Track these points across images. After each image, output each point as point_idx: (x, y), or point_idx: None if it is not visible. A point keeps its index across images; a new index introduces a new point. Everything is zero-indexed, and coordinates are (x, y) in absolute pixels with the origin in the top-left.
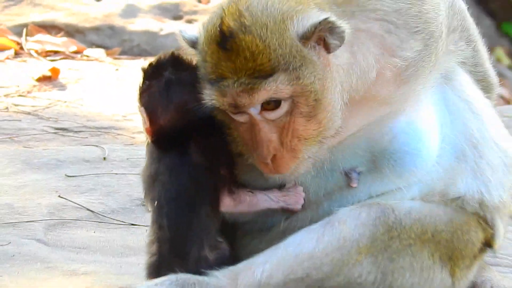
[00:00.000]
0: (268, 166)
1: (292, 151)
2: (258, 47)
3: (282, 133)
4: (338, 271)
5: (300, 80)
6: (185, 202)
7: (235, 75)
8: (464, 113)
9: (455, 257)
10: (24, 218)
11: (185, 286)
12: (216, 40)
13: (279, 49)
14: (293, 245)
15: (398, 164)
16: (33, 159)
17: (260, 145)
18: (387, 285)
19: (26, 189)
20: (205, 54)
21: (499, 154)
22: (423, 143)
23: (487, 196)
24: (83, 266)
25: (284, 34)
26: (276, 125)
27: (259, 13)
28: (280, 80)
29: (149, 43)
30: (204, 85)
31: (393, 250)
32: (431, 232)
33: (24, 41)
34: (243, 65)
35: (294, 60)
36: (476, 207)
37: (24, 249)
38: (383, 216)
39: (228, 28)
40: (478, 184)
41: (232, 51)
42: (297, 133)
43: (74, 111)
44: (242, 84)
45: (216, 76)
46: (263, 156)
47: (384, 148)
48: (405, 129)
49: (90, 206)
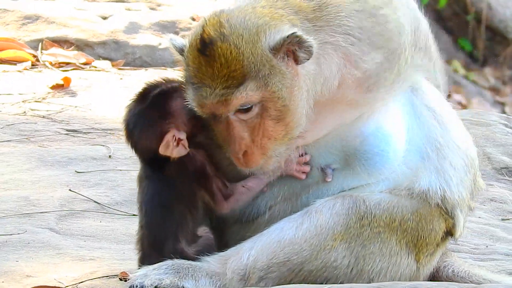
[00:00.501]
0: (239, 160)
1: (262, 149)
2: (232, 54)
3: (253, 132)
4: (316, 255)
5: (268, 87)
6: (159, 204)
7: (212, 82)
8: (428, 119)
9: (420, 244)
10: (38, 209)
11: (180, 270)
12: (197, 47)
13: (251, 57)
14: (275, 232)
15: (368, 163)
16: (47, 157)
17: (233, 141)
18: (359, 269)
19: (40, 183)
20: (188, 59)
21: (461, 155)
22: (391, 146)
23: (449, 192)
24: (90, 252)
25: (257, 44)
26: (248, 125)
27: (237, 25)
28: (250, 87)
29: (149, 55)
30: (188, 88)
31: (365, 237)
32: (399, 220)
33: (40, 54)
34: (219, 71)
35: (263, 68)
36: (439, 202)
37: (38, 237)
38: (355, 206)
39: (209, 36)
40: (441, 182)
41: (210, 57)
42: (267, 133)
43: (84, 115)
44: (217, 95)
45: (196, 81)
46: (235, 151)
47: (356, 149)
48: (375, 133)
49: (97, 198)
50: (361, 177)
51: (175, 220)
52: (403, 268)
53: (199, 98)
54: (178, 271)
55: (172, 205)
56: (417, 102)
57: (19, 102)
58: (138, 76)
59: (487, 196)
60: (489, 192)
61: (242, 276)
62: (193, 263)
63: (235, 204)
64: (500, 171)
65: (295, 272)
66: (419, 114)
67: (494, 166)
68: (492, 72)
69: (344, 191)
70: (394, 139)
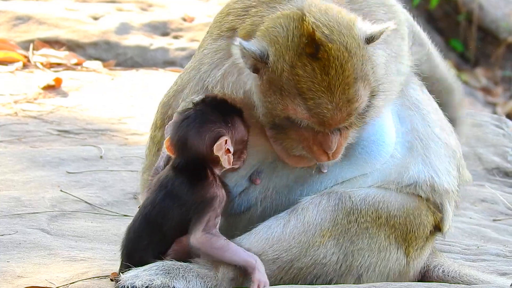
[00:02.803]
0: (328, 155)
1: (345, 139)
2: (344, 56)
3: (343, 127)
4: (305, 252)
5: (371, 82)
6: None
7: (332, 96)
8: (411, 112)
9: (409, 238)
10: (29, 210)
11: (171, 271)
12: (306, 51)
13: (357, 54)
14: (263, 230)
15: (364, 151)
16: (38, 157)
17: (329, 141)
18: (348, 264)
19: (31, 184)
20: (291, 67)
21: (443, 146)
22: (385, 135)
23: (437, 180)
24: (81, 253)
25: (356, 39)
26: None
27: (330, 22)
28: (361, 90)
29: (140, 56)
30: (293, 101)
31: (352, 233)
32: (385, 216)
33: (31, 54)
34: (335, 80)
35: (366, 65)
36: (428, 191)
37: (29, 238)
38: (341, 202)
39: (317, 37)
40: (429, 170)
41: (323, 61)
42: (352, 123)
43: (75, 116)
44: (343, 112)
45: (312, 95)
46: (330, 149)
47: None
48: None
49: (88, 199)
50: (357, 167)
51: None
52: (392, 263)
53: (321, 118)
54: (168, 272)
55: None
56: (402, 96)
57: (11, 103)
58: (129, 76)
59: (478, 196)
60: (480, 192)
61: (232, 276)
62: (183, 264)
63: (206, 245)
64: (491, 171)
65: (285, 270)
66: (404, 107)
67: (485, 166)
68: (483, 72)
69: (338, 183)
70: (387, 129)
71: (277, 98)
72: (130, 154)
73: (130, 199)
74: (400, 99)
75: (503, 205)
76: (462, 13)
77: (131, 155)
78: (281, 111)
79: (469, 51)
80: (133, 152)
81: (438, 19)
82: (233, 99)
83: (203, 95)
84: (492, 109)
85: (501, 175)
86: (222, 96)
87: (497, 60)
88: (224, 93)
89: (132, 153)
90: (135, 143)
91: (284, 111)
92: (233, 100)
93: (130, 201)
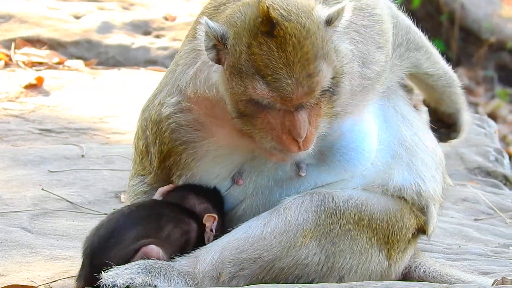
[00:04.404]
0: (298, 144)
1: (316, 128)
2: (302, 33)
3: (311, 114)
4: (287, 252)
5: (335, 63)
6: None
7: (290, 71)
8: (397, 122)
9: (391, 241)
10: (11, 208)
11: (152, 269)
12: (262, 29)
13: (315, 34)
14: (243, 229)
15: (343, 159)
16: (20, 156)
17: (298, 126)
18: (330, 266)
19: (13, 182)
20: (248, 47)
21: (430, 154)
22: (366, 142)
23: (423, 187)
24: (63, 252)
25: (315, 20)
26: (308, 107)
27: (288, 4)
28: (324, 68)
29: (122, 55)
30: (252, 81)
31: (334, 234)
32: (367, 219)
33: (13, 53)
34: (293, 56)
35: (326, 45)
36: (414, 197)
37: (10, 236)
38: (324, 203)
39: (272, 16)
40: (414, 177)
41: (280, 39)
42: (320, 112)
43: (57, 114)
44: (303, 87)
45: (270, 72)
46: (300, 136)
47: (332, 144)
48: (351, 129)
49: (70, 198)
50: (336, 173)
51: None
52: (374, 265)
53: (282, 93)
54: (150, 271)
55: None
56: (387, 105)
57: None
58: (111, 75)
59: (460, 196)
60: (462, 192)
61: (213, 274)
62: (165, 263)
63: None
64: (473, 171)
65: (266, 269)
66: (388, 116)
67: (467, 166)
68: (465, 72)
69: (318, 187)
70: (368, 137)
71: (238, 82)
72: (112, 153)
73: (112, 198)
74: (385, 105)
75: (485, 204)
76: (444, 13)
77: (113, 154)
78: (243, 94)
79: (451, 51)
80: (114, 151)
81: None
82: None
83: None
84: (474, 109)
85: (483, 175)
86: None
87: (479, 60)
88: (197, 91)
89: (113, 152)
90: (116, 142)
91: (246, 93)
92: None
93: (112, 199)
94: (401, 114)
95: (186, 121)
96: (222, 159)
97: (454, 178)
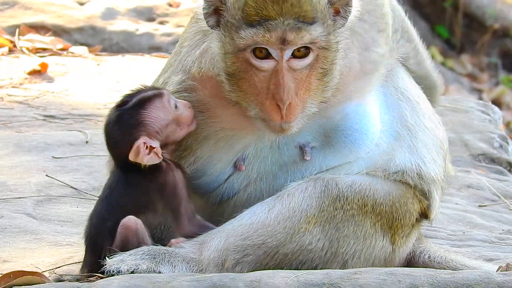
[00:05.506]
0: (281, 112)
1: (302, 103)
2: None
3: (298, 84)
4: (291, 238)
5: (330, 36)
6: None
7: (282, 16)
8: (399, 102)
9: (395, 226)
10: (15, 194)
11: (156, 256)
12: None
13: (318, 4)
14: (247, 216)
15: (348, 140)
16: (24, 142)
17: (281, 90)
18: (333, 251)
19: (17, 169)
20: (246, 2)
21: (431, 137)
22: (369, 123)
23: (424, 168)
24: (67, 238)
25: None
26: (296, 76)
27: None
28: (318, 30)
29: (126, 41)
30: (239, 29)
31: (338, 219)
32: (371, 204)
33: (17, 39)
34: (289, 10)
35: (327, 19)
36: (415, 179)
37: (15, 222)
38: (327, 189)
39: None
40: (415, 159)
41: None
42: (309, 88)
43: (61, 101)
44: (290, 24)
45: (260, 18)
46: (282, 101)
47: (337, 125)
48: (355, 110)
49: (74, 184)
50: (341, 155)
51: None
52: (377, 250)
53: (267, 26)
54: (154, 257)
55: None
56: (389, 86)
57: None
58: (115, 62)
59: (464, 182)
60: (466, 178)
61: (218, 261)
62: (169, 249)
63: (195, 233)
64: (477, 157)
65: (270, 255)
66: (389, 95)
67: (471, 152)
68: (469, 59)
69: (323, 171)
70: (371, 118)
71: (228, 35)
72: None
73: None
74: (386, 87)
75: (489, 191)
76: None
77: None
78: (231, 45)
79: (455, 38)
80: None
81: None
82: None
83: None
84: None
85: (487, 161)
86: (138, 86)
87: (483, 46)
88: (202, 70)
89: None
90: None
91: (234, 43)
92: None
93: None
94: (401, 93)
95: (190, 101)
96: (224, 143)
97: (459, 164)
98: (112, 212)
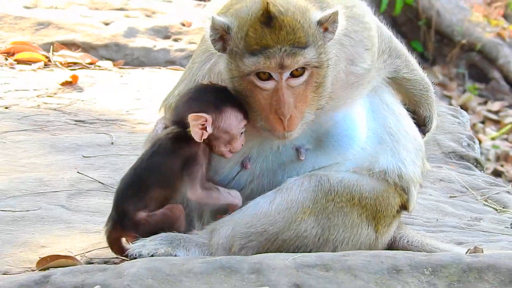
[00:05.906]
0: (283, 124)
1: (301, 114)
2: (296, 25)
3: (296, 98)
4: (289, 226)
5: (322, 55)
6: (136, 172)
7: (279, 44)
8: (384, 112)
9: (378, 217)
10: (50, 189)
11: (173, 241)
12: (260, 20)
13: (309, 29)
14: (252, 207)
15: (337, 144)
16: (58, 144)
17: (282, 105)
18: (325, 238)
19: (52, 166)
20: (246, 31)
21: (411, 141)
22: (356, 130)
23: (404, 170)
24: (95, 226)
25: (309, 19)
26: (294, 92)
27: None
28: (311, 52)
29: (145, 56)
30: (242, 57)
31: (329, 211)
32: (358, 197)
33: (51, 55)
34: (285, 37)
35: (317, 40)
36: (396, 179)
37: (50, 213)
38: (320, 184)
39: (272, 11)
40: (396, 161)
41: (275, 28)
42: (306, 99)
43: (89, 108)
44: (287, 50)
45: (260, 47)
46: (284, 115)
47: (328, 131)
48: (344, 118)
49: (102, 179)
50: (331, 156)
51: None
52: (363, 238)
53: (266, 54)
54: (171, 242)
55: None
56: (375, 98)
57: (34, 97)
58: (136, 74)
59: (437, 177)
60: (439, 173)
61: (226, 246)
62: (184, 235)
63: (205, 198)
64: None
65: (271, 241)
66: (376, 107)
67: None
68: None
69: (315, 169)
70: (358, 125)
71: (233, 62)
72: (137, 140)
73: None
74: (373, 99)
75: (459, 184)
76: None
77: (138, 142)
78: (236, 71)
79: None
80: (140, 139)
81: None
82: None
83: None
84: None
85: (457, 158)
86: (226, 86)
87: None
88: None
89: (139, 139)
90: (141, 131)
91: (239, 69)
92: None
93: None
94: (386, 105)
95: None
96: None
97: (432, 161)
98: (137, 181)
